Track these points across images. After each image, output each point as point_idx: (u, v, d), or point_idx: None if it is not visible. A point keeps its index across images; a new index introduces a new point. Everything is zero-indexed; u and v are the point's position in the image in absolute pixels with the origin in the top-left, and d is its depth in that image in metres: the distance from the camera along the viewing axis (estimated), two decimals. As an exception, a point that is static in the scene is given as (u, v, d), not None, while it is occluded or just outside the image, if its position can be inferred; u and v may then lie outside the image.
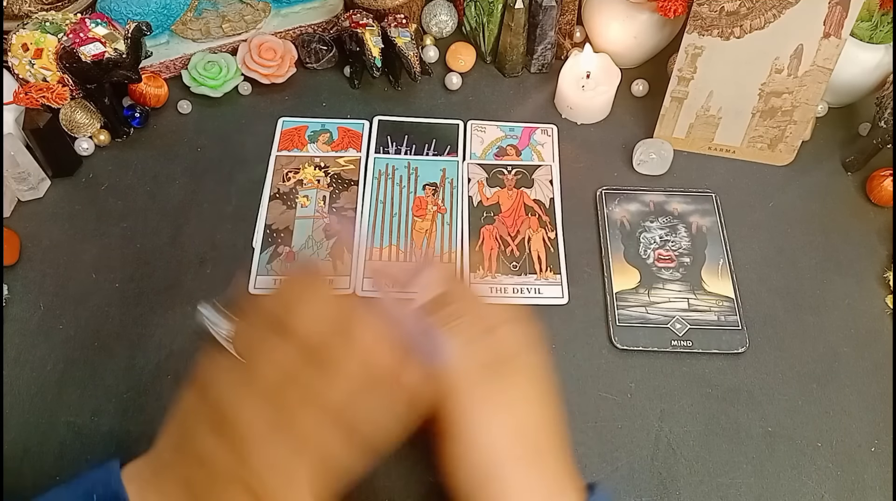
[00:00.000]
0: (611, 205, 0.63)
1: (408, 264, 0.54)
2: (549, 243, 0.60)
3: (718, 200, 0.63)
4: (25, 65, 0.61)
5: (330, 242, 0.60)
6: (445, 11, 0.73)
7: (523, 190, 0.64)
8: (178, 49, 0.69)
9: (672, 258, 0.60)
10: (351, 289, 0.57)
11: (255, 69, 0.68)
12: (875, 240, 0.62)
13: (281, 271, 0.56)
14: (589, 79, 0.67)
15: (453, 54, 0.71)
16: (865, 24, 0.63)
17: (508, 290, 0.58)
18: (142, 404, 0.51)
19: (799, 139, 0.65)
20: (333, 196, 0.62)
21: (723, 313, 0.57)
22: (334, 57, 0.71)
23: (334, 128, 0.67)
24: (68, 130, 0.63)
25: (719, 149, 0.67)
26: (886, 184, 0.62)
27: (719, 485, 0.49)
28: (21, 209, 0.61)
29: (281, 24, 0.71)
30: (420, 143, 0.67)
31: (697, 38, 0.60)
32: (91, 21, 0.60)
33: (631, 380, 0.54)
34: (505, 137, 0.67)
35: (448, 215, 0.62)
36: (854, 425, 0.52)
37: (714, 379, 0.54)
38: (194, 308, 0.55)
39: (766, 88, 0.62)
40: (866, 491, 0.49)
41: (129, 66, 0.60)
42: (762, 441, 0.51)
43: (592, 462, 0.50)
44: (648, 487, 0.49)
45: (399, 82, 0.70)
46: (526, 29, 0.69)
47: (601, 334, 0.56)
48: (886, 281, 0.59)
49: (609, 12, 0.68)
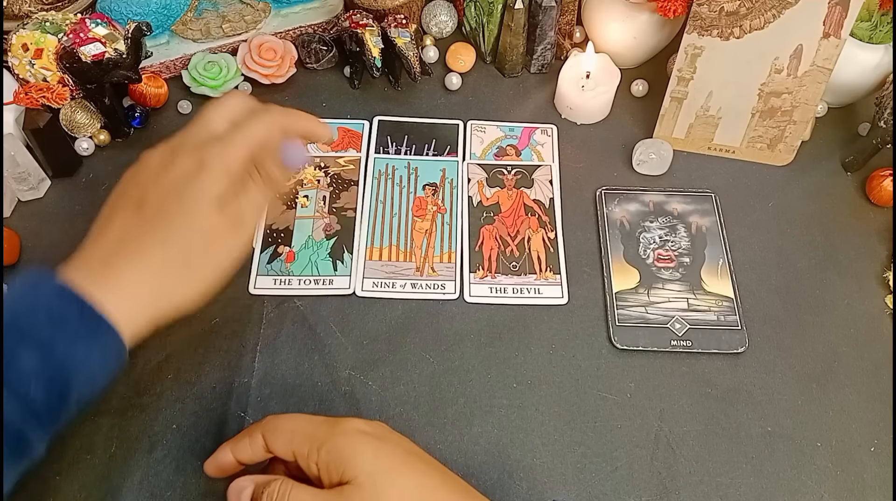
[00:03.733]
0: (610, 205, 0.63)
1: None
2: (549, 243, 0.60)
3: (718, 200, 0.63)
4: (25, 65, 0.61)
5: (330, 242, 0.60)
6: (445, 12, 0.73)
7: (523, 190, 0.64)
8: (179, 49, 0.69)
9: (672, 258, 0.60)
10: (351, 290, 0.57)
11: (255, 69, 0.68)
12: (875, 240, 0.62)
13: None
14: (589, 79, 0.67)
15: (453, 54, 0.71)
16: (865, 24, 0.63)
17: (508, 290, 0.58)
18: (142, 404, 0.51)
19: (798, 139, 0.65)
20: (333, 196, 0.63)
21: (722, 313, 0.57)
22: (334, 57, 0.71)
23: (334, 128, 0.67)
24: (68, 130, 0.63)
25: (719, 149, 0.67)
26: (886, 184, 0.62)
27: (719, 485, 0.49)
28: (21, 209, 0.61)
29: (281, 25, 0.71)
30: (420, 143, 0.67)
31: (697, 38, 0.60)
32: (91, 21, 0.60)
33: (630, 380, 0.54)
34: (505, 138, 0.67)
35: (448, 215, 0.62)
36: (854, 425, 0.52)
37: (714, 379, 0.54)
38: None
39: (766, 89, 0.62)
40: (866, 491, 0.49)
41: (129, 66, 0.60)
42: (762, 441, 0.51)
43: (592, 462, 0.50)
44: (648, 487, 0.49)
45: (399, 82, 0.70)
46: (526, 29, 0.69)
47: (601, 334, 0.56)
48: (886, 281, 0.59)
49: (609, 12, 0.68)
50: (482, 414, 0.52)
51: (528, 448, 0.50)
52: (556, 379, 0.54)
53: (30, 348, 0.39)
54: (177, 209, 0.45)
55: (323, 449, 0.39)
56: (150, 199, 0.45)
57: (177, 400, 0.51)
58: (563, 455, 0.50)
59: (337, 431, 0.40)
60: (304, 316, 0.56)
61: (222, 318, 0.55)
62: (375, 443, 0.40)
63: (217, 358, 0.53)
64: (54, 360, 0.40)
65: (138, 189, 0.46)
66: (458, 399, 0.52)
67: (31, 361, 0.39)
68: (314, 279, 0.58)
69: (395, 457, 0.40)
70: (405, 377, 0.53)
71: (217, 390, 0.52)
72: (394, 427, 0.45)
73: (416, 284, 0.58)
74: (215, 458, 0.43)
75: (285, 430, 0.41)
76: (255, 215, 0.47)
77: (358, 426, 0.41)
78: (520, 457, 0.50)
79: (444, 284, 0.58)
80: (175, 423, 0.50)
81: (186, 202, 0.45)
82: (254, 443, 0.42)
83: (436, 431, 0.51)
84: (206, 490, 0.47)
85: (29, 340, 0.39)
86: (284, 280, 0.57)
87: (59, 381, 0.40)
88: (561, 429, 0.51)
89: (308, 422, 0.41)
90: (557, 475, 0.49)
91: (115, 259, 0.43)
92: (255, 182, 0.46)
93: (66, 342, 0.40)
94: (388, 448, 0.40)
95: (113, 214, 0.46)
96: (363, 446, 0.39)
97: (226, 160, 0.46)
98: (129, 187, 0.47)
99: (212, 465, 0.44)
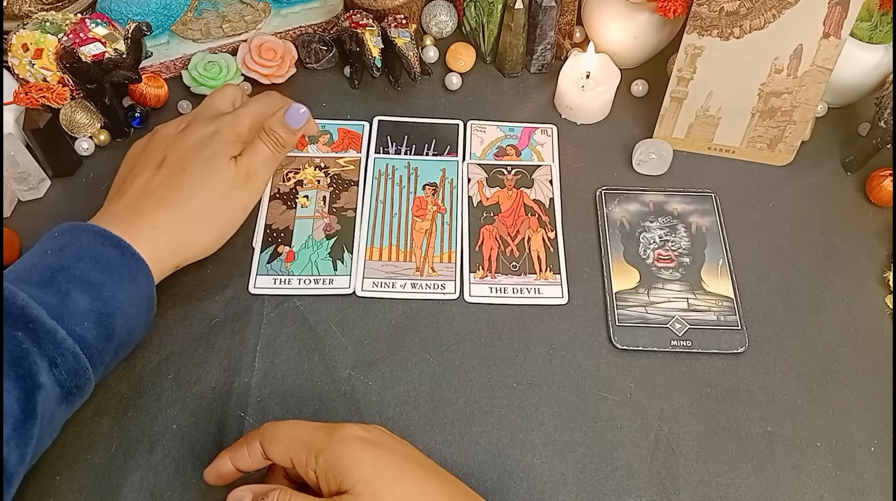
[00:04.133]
0: (610, 205, 0.63)
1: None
2: (549, 243, 0.60)
3: (718, 200, 0.63)
4: (25, 65, 0.61)
5: (330, 241, 0.60)
6: (445, 12, 0.74)
7: (523, 190, 0.64)
8: (179, 49, 0.69)
9: (672, 258, 0.60)
10: (351, 289, 0.57)
11: (255, 69, 0.68)
12: (875, 240, 0.62)
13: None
14: (589, 79, 0.67)
15: (453, 54, 0.71)
16: (865, 24, 0.63)
17: (508, 290, 0.58)
18: (142, 404, 0.51)
19: (798, 139, 0.65)
20: (333, 196, 0.63)
21: (722, 313, 0.57)
22: (334, 57, 0.71)
23: (334, 128, 0.67)
24: (68, 130, 0.63)
25: (719, 149, 0.67)
26: (886, 184, 0.62)
27: (719, 485, 0.49)
28: (21, 209, 0.61)
29: (281, 25, 0.71)
30: (420, 143, 0.67)
31: (697, 38, 0.60)
32: (91, 21, 0.60)
33: (630, 380, 0.54)
34: (505, 138, 0.67)
35: (448, 215, 0.62)
36: (854, 425, 0.52)
37: (714, 379, 0.54)
38: (194, 308, 0.55)
39: (766, 89, 0.62)
40: (866, 491, 0.49)
41: (129, 66, 0.60)
42: (762, 441, 0.51)
43: (592, 462, 0.50)
44: (648, 487, 0.49)
45: (399, 82, 0.70)
46: (526, 29, 0.69)
47: (601, 334, 0.56)
48: (886, 281, 0.59)
49: (609, 12, 0.68)
50: (482, 414, 0.52)
51: (528, 448, 0.50)
52: (556, 379, 0.54)
53: (83, 289, 0.43)
54: (198, 165, 0.51)
55: (320, 458, 0.39)
56: (170, 158, 0.51)
57: (177, 400, 0.51)
58: (563, 455, 0.50)
59: (334, 438, 0.40)
60: (304, 316, 0.56)
61: (222, 318, 0.55)
62: (373, 450, 0.40)
63: (217, 358, 0.53)
64: (102, 301, 0.44)
65: (157, 153, 0.52)
66: (458, 399, 0.52)
67: (85, 301, 0.43)
68: (314, 279, 0.58)
69: (393, 464, 0.39)
70: (405, 377, 0.53)
71: (217, 390, 0.52)
72: (394, 428, 0.45)
73: (416, 284, 0.58)
74: (214, 466, 0.44)
75: (283, 438, 0.41)
76: (266, 169, 0.54)
77: (355, 432, 0.40)
78: (520, 457, 0.50)
79: (444, 284, 0.58)
80: (175, 423, 0.50)
81: (207, 160, 0.51)
82: (252, 451, 0.42)
83: (436, 431, 0.51)
84: (206, 490, 0.47)
85: (81, 282, 0.43)
86: (284, 280, 0.57)
87: (107, 321, 0.44)
88: (561, 429, 0.51)
89: (305, 429, 0.41)
90: (557, 475, 0.49)
91: (143, 209, 0.48)
92: (262, 141, 0.54)
93: (111, 284, 0.44)
94: (385, 455, 0.40)
95: (133, 173, 0.52)
96: (360, 454, 0.39)
97: (236, 127, 0.53)
98: (145, 152, 0.53)
99: (211, 473, 0.44)
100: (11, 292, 0.41)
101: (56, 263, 0.43)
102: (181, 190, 0.50)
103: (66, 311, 0.42)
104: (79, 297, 0.43)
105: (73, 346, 0.42)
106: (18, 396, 0.40)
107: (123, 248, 0.46)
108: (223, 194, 0.51)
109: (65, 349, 0.42)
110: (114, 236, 0.46)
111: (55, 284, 0.43)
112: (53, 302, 0.42)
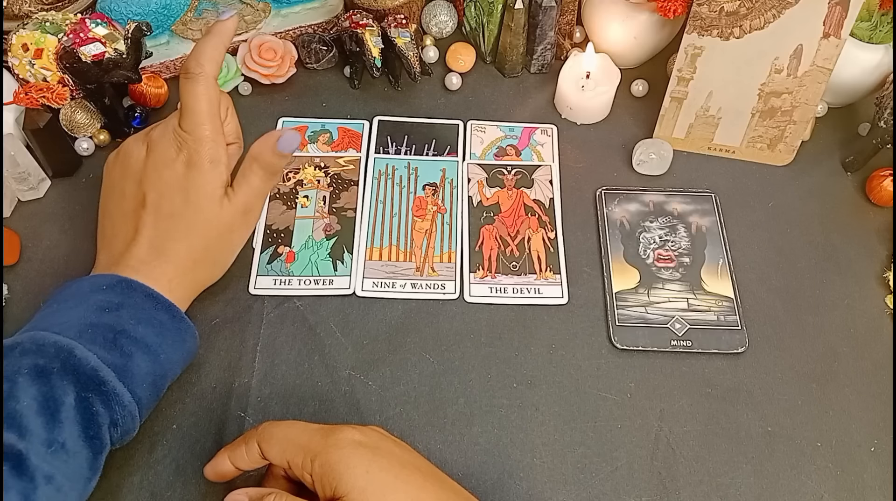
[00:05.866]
0: (610, 205, 0.63)
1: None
2: (549, 243, 0.61)
3: (718, 200, 0.63)
4: (25, 65, 0.61)
5: (330, 242, 0.60)
6: (445, 12, 0.74)
7: (523, 190, 0.64)
8: (179, 49, 0.69)
9: (672, 258, 0.60)
10: (351, 290, 0.57)
11: (255, 69, 0.68)
12: (875, 240, 0.62)
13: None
14: (589, 79, 0.67)
15: (453, 54, 0.71)
16: (865, 24, 0.63)
17: (508, 290, 0.58)
18: (142, 404, 0.51)
19: (798, 139, 0.65)
20: (333, 196, 0.63)
21: (722, 313, 0.57)
22: (334, 57, 0.71)
23: (334, 128, 0.67)
24: (68, 130, 0.63)
25: (719, 149, 0.67)
26: (886, 184, 0.62)
27: (719, 485, 0.49)
28: (21, 209, 0.61)
29: (281, 25, 0.71)
30: (420, 143, 0.67)
31: (697, 38, 0.60)
32: (91, 21, 0.60)
33: (630, 380, 0.54)
34: (505, 138, 0.67)
35: (448, 215, 0.62)
36: (854, 425, 0.52)
37: (714, 379, 0.54)
38: (194, 309, 0.55)
39: (766, 89, 0.62)
40: (866, 491, 0.49)
41: (129, 66, 0.60)
42: (762, 441, 0.51)
43: (592, 462, 0.50)
44: (648, 487, 0.49)
45: (399, 82, 0.70)
46: (526, 29, 0.69)
47: (601, 334, 0.56)
48: (886, 281, 0.59)
49: (609, 12, 0.68)
50: (482, 414, 0.52)
51: (528, 448, 0.50)
52: (556, 379, 0.54)
53: (144, 352, 0.45)
54: (188, 214, 0.49)
55: (316, 462, 0.39)
56: (150, 196, 0.49)
57: (177, 400, 0.51)
58: (563, 455, 0.50)
59: (329, 443, 0.40)
60: (304, 316, 0.56)
61: (222, 318, 0.55)
62: (369, 456, 0.39)
63: (217, 358, 0.53)
64: (158, 364, 0.45)
65: (133, 184, 0.50)
66: (458, 399, 0.52)
67: (145, 364, 0.45)
68: (314, 279, 0.58)
69: (388, 471, 0.39)
70: (405, 377, 0.53)
71: (217, 390, 0.52)
72: (394, 428, 0.45)
73: (416, 284, 0.58)
74: (213, 464, 0.44)
75: (280, 439, 0.41)
76: (260, 200, 0.52)
77: (352, 436, 0.40)
78: (520, 457, 0.50)
79: (444, 284, 0.58)
80: (175, 423, 0.50)
81: (194, 205, 0.49)
82: (250, 451, 0.42)
83: (436, 431, 0.51)
84: (207, 490, 0.47)
85: (142, 345, 0.45)
86: (284, 280, 0.57)
87: (160, 382, 0.46)
88: (561, 429, 0.51)
89: (303, 432, 0.41)
90: (557, 475, 0.49)
91: (152, 260, 0.48)
92: (253, 172, 0.50)
93: (166, 347, 0.46)
94: (381, 460, 0.40)
95: (120, 210, 0.50)
96: (356, 460, 0.39)
97: (203, 148, 0.49)
98: (122, 181, 0.51)
99: (211, 471, 0.45)
100: (83, 353, 0.42)
101: (116, 324, 0.44)
102: (180, 240, 0.49)
103: (130, 374, 0.43)
104: (140, 360, 0.44)
105: (134, 408, 0.43)
106: (88, 456, 0.41)
107: (173, 312, 0.47)
108: (221, 236, 0.50)
109: (127, 411, 0.43)
110: (164, 300, 0.47)
111: (119, 346, 0.44)
112: (119, 364, 0.43)
